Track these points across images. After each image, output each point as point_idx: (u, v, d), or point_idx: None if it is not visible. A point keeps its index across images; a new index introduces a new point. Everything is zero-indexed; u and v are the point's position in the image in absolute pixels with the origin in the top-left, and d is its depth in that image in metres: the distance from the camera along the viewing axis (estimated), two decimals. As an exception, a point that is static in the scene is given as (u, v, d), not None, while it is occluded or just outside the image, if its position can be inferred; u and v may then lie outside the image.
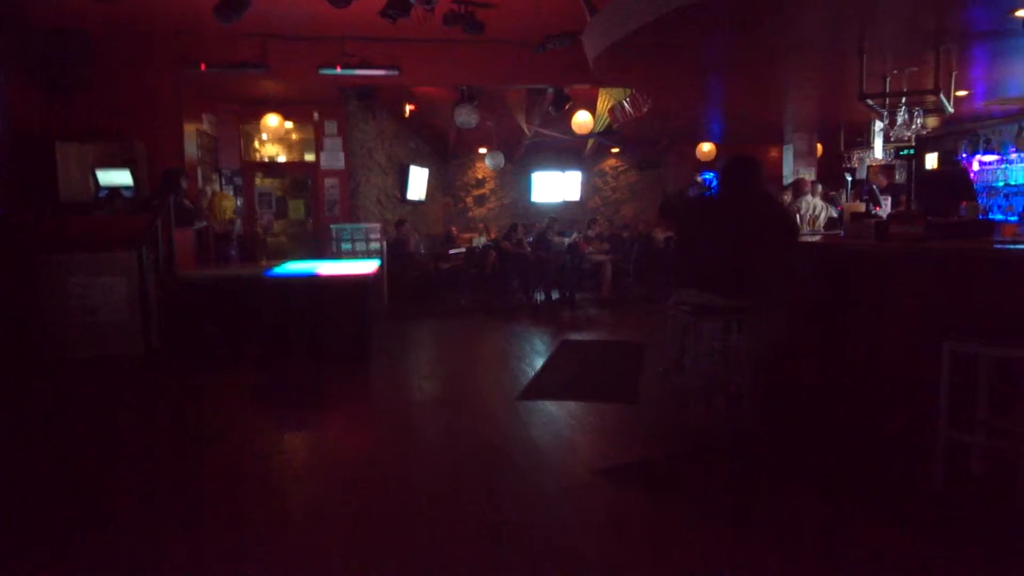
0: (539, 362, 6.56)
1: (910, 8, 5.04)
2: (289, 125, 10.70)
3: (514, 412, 5.00)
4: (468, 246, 12.16)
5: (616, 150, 15.49)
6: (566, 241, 11.57)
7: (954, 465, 3.43)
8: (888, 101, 6.77)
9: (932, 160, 12.05)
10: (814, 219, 8.50)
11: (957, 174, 7.12)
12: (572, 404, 5.11)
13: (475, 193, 15.96)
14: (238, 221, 9.77)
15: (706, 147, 14.05)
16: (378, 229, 9.56)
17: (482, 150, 14.77)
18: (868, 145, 9.51)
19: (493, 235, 13.14)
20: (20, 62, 7.33)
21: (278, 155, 10.98)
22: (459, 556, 2.83)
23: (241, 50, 8.19)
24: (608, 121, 10.77)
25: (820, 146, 12.21)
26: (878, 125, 7.24)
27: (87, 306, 6.82)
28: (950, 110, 6.61)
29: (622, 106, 9.70)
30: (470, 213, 15.77)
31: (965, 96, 8.48)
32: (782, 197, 9.25)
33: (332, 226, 9.59)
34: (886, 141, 7.57)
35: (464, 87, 9.48)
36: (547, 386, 5.70)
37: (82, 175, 7.58)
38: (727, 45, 6.09)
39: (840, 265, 4.41)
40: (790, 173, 11.53)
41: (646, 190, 16.12)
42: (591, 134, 11.72)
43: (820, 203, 8.85)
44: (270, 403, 5.51)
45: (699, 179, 14.67)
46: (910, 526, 3.06)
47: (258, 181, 10.97)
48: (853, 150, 11.08)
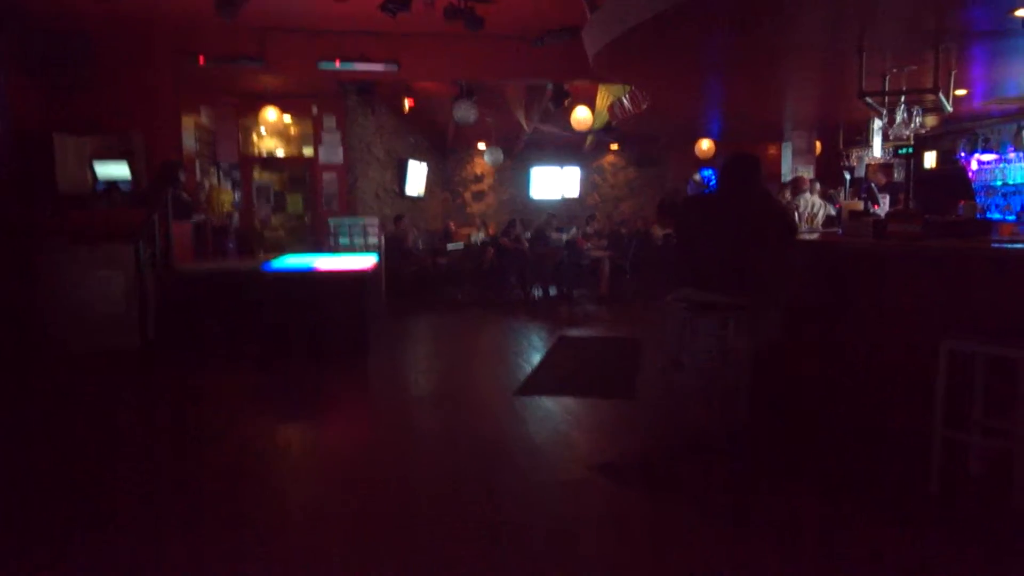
0: (536, 358, 6.56)
1: (910, 8, 5.04)
2: (287, 119, 10.68)
3: (512, 408, 5.00)
4: (466, 242, 12.14)
5: (615, 147, 15.47)
6: (564, 237, 11.57)
7: (953, 465, 3.43)
8: (887, 99, 6.78)
9: (931, 159, 12.05)
10: (812, 217, 8.50)
11: (955, 173, 7.13)
12: (569, 400, 5.12)
13: (473, 188, 15.93)
14: (236, 215, 9.75)
15: (705, 144, 14.03)
16: (376, 224, 9.55)
17: (481, 145, 14.75)
18: (867, 143, 9.49)
19: (491, 231, 13.12)
20: (19, 59, 7.30)
21: (276, 149, 10.96)
22: (459, 556, 2.82)
23: (240, 43, 8.17)
24: (607, 118, 10.76)
25: (819, 144, 12.21)
26: (877, 123, 7.24)
27: (84, 300, 6.80)
28: (949, 109, 6.62)
29: (621, 103, 9.70)
30: (468, 208, 15.74)
31: (964, 95, 8.49)
32: (781, 195, 9.25)
33: (330, 220, 9.55)
34: (885, 139, 7.56)
35: (463, 82, 9.47)
36: (544, 382, 5.70)
37: (80, 168, 7.55)
38: (726, 43, 6.09)
39: (838, 263, 4.42)
40: (789, 171, 11.52)
41: (645, 187, 16.11)
42: (590, 130, 11.70)
43: (819, 201, 8.86)
44: (268, 399, 5.50)
45: (697, 176, 14.67)
46: (910, 526, 3.06)
47: (256, 175, 10.94)
48: (852, 148, 11.09)
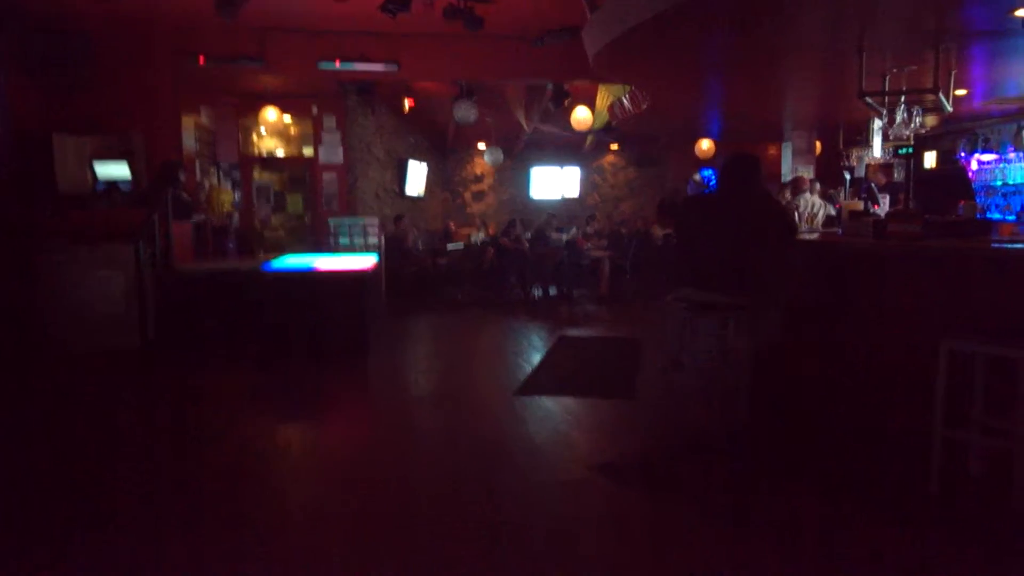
0: (536, 358, 6.56)
1: (910, 8, 5.04)
2: (287, 119, 10.67)
3: (512, 408, 5.00)
4: (466, 242, 12.14)
5: (615, 147, 15.47)
6: (564, 237, 11.57)
7: (953, 464, 3.43)
8: (887, 99, 6.78)
9: (931, 159, 12.05)
10: (812, 217, 8.50)
11: (955, 173, 7.13)
12: (569, 400, 5.11)
13: (473, 188, 15.93)
14: (236, 215, 9.75)
15: (705, 144, 14.03)
16: (376, 224, 9.55)
17: (481, 145, 14.75)
18: (867, 143, 9.50)
19: (491, 231, 13.12)
20: (19, 59, 7.29)
21: (276, 149, 10.96)
22: (459, 556, 2.82)
23: (240, 43, 8.16)
24: (607, 118, 10.76)
25: (819, 144, 12.21)
26: (877, 123, 7.24)
27: (84, 299, 6.80)
28: (949, 109, 6.61)
29: (621, 103, 9.70)
30: (468, 208, 15.73)
31: (964, 95, 8.49)
32: (781, 195, 9.25)
33: (330, 220, 9.56)
34: (885, 139, 7.55)
35: (463, 82, 9.47)
36: (544, 382, 5.70)
37: (80, 168, 7.54)
38: (726, 43, 6.09)
39: (838, 263, 4.41)
40: (789, 171, 11.52)
41: (645, 187, 16.11)
42: (590, 130, 11.70)
43: (818, 201, 8.86)
44: (268, 399, 5.50)
45: (697, 176, 14.67)
46: (910, 526, 3.05)
47: (256, 175, 10.94)
48: (852, 148, 11.09)
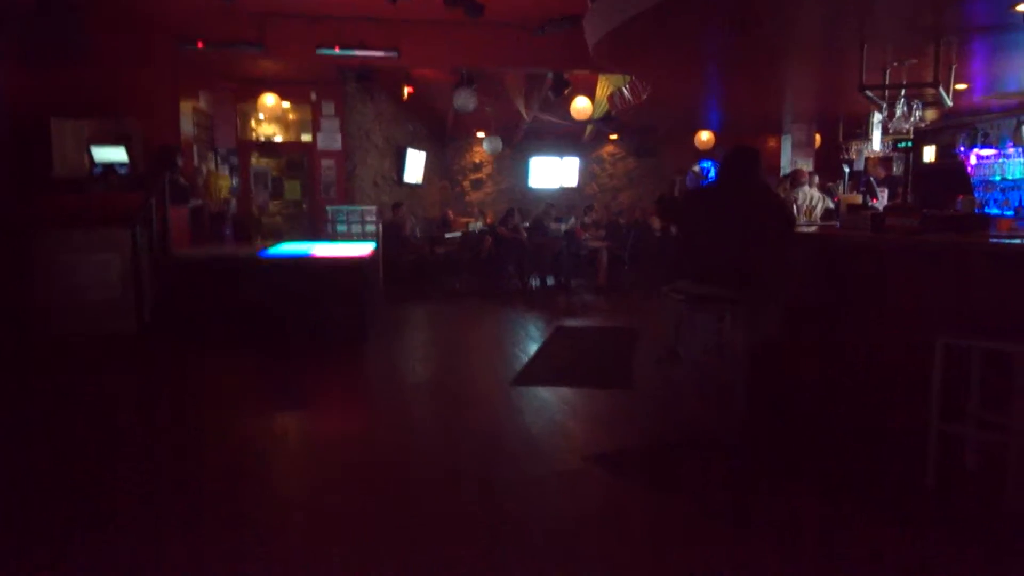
0: (533, 348, 6.57)
1: (910, 7, 5.04)
2: (286, 105, 10.63)
3: (509, 398, 5.01)
4: (464, 230, 12.13)
5: (614, 137, 15.45)
6: (563, 227, 11.56)
7: (950, 459, 3.44)
8: (887, 93, 6.77)
9: (930, 153, 12.05)
10: (811, 210, 8.49)
11: (954, 168, 7.14)
12: (566, 390, 5.12)
13: (472, 177, 15.90)
14: (233, 200, 9.73)
15: (704, 136, 14.01)
16: (374, 211, 9.54)
17: (480, 134, 14.71)
18: (866, 137, 9.51)
19: (490, 220, 13.11)
20: (15, 43, 7.23)
21: (275, 135, 10.92)
22: (459, 556, 2.81)
23: (239, 28, 8.11)
24: (607, 107, 10.73)
25: (818, 137, 12.20)
26: (877, 117, 7.24)
27: (80, 284, 6.78)
28: (949, 103, 6.61)
29: (621, 93, 9.66)
30: (467, 197, 15.71)
31: (964, 90, 8.47)
32: (781, 187, 9.24)
33: (328, 207, 9.56)
34: (884, 133, 7.56)
35: (463, 70, 9.43)
36: (541, 372, 5.71)
37: (77, 152, 7.51)
38: (726, 34, 6.07)
39: (836, 256, 4.42)
40: (788, 163, 11.51)
41: (644, 177, 16.09)
42: (590, 120, 11.67)
43: (817, 194, 8.84)
44: (264, 389, 5.46)
45: (696, 168, 14.65)
46: (910, 525, 3.05)
47: (254, 160, 10.91)
48: (851, 141, 11.07)
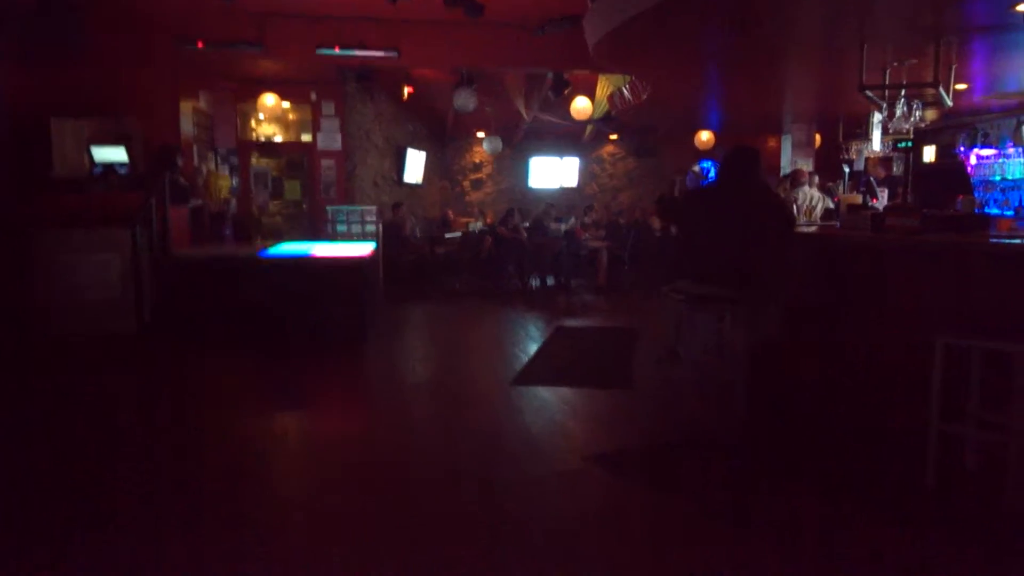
0: (533, 348, 6.57)
1: (910, 7, 5.04)
2: (286, 105, 10.62)
3: (509, 398, 5.01)
4: (464, 230, 12.13)
5: (614, 137, 15.44)
6: (563, 227, 11.56)
7: (949, 458, 3.44)
8: (887, 93, 6.77)
9: (930, 153, 12.04)
10: (811, 210, 8.49)
11: (954, 168, 7.14)
12: (566, 390, 5.12)
13: (472, 177, 15.89)
14: (233, 200, 9.73)
15: (704, 136, 14.01)
16: (374, 211, 9.54)
17: (480, 134, 14.71)
18: (866, 137, 9.50)
19: (489, 220, 13.11)
20: (15, 42, 7.22)
21: (275, 135, 10.92)
22: (459, 556, 2.81)
23: (239, 28, 8.11)
24: (607, 107, 10.73)
25: (818, 137, 12.20)
26: (877, 117, 7.24)
27: (80, 283, 6.78)
28: (949, 103, 6.61)
29: (621, 93, 9.66)
30: (467, 197, 15.70)
31: (964, 90, 8.47)
32: (781, 187, 9.24)
33: (328, 207, 9.56)
34: (884, 133, 7.55)
35: (463, 70, 9.43)
36: (541, 372, 5.71)
37: (77, 151, 7.51)
38: (726, 34, 6.07)
39: (836, 256, 4.42)
40: (788, 163, 11.51)
41: (644, 177, 16.09)
42: (590, 120, 11.67)
43: (817, 194, 8.84)
44: (264, 389, 5.45)
45: (696, 168, 14.65)
46: (910, 526, 3.05)
47: (254, 161, 10.91)
48: (851, 141, 11.07)
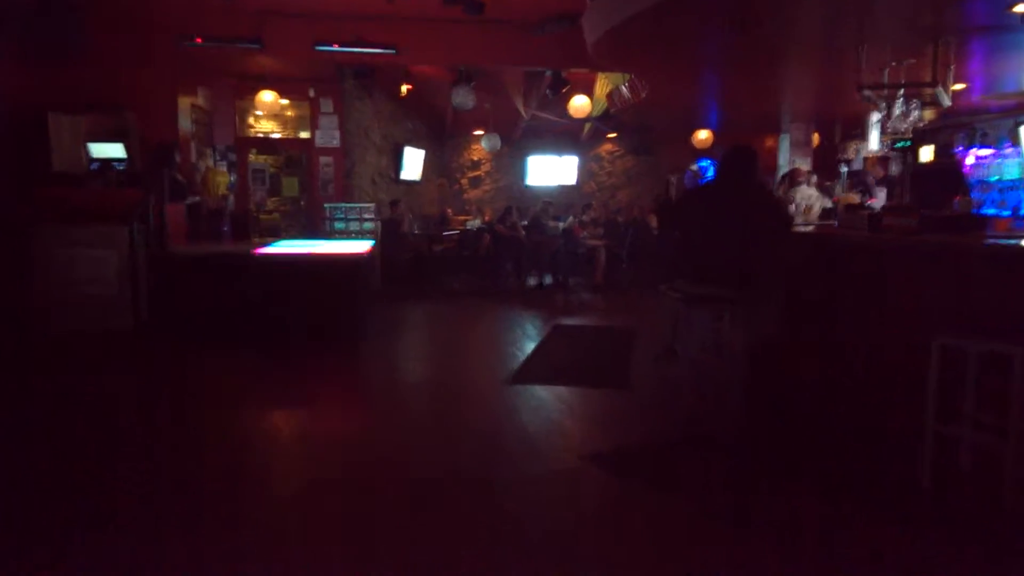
0: (531, 347, 6.57)
1: (910, 7, 5.05)
2: (284, 102, 10.60)
3: (506, 397, 5.01)
4: (462, 228, 12.13)
5: (613, 135, 15.44)
6: (560, 226, 11.55)
7: (944, 459, 3.45)
8: (886, 93, 6.77)
9: (928, 153, 12.05)
10: (808, 209, 8.49)
11: (952, 168, 7.14)
12: (563, 389, 5.12)
13: (470, 175, 15.89)
14: (231, 197, 9.72)
15: (703, 135, 14.02)
16: (372, 209, 9.55)
17: (478, 132, 14.70)
18: (864, 136, 9.53)
19: (488, 218, 13.10)
20: (12, 37, 7.21)
21: (273, 132, 10.91)
22: (459, 556, 2.82)
23: (238, 25, 8.09)
24: (605, 106, 10.73)
25: (816, 136, 12.20)
26: (875, 117, 7.24)
27: (77, 280, 6.77)
28: (947, 103, 6.61)
29: (620, 91, 9.66)
30: (465, 195, 15.70)
31: (962, 90, 8.48)
32: (781, 187, 9.24)
33: (326, 205, 9.56)
34: (882, 133, 7.55)
35: (462, 68, 9.43)
36: (538, 371, 5.71)
37: (75, 147, 7.50)
38: (725, 33, 6.07)
39: (834, 256, 4.42)
40: (786, 163, 11.52)
41: (642, 176, 16.09)
42: (588, 118, 11.67)
43: (815, 193, 8.84)
44: (261, 388, 5.42)
45: (695, 167, 14.65)
46: (910, 525, 3.06)
47: (252, 157, 10.89)
48: (849, 141, 11.09)
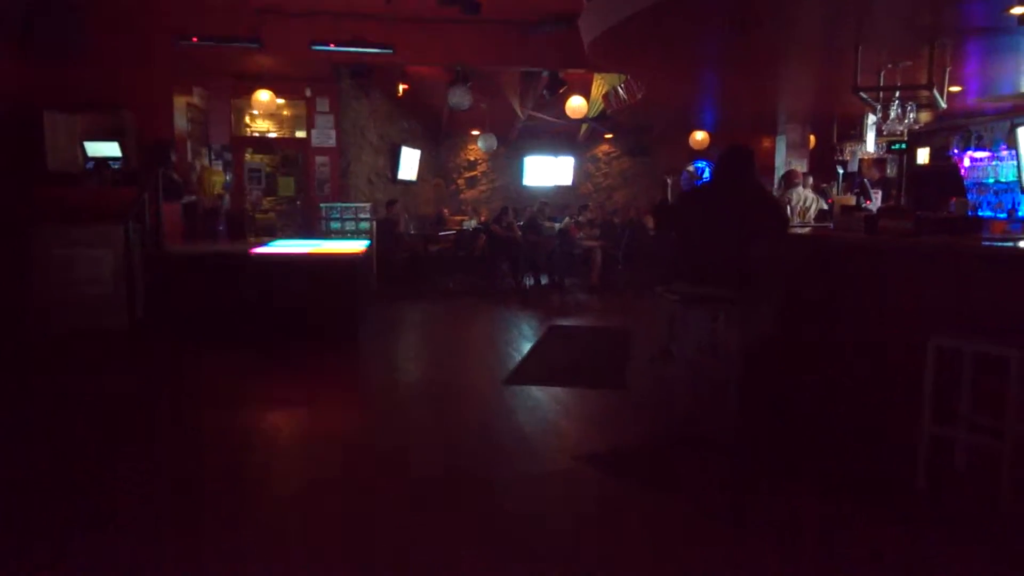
0: (526, 347, 6.56)
1: (908, 7, 5.05)
2: (281, 101, 10.58)
3: (502, 397, 5.01)
4: (458, 228, 12.11)
5: (609, 136, 15.45)
6: (557, 226, 11.55)
7: (940, 459, 3.44)
8: (882, 95, 6.79)
9: (924, 155, 12.08)
10: (804, 211, 8.51)
11: (948, 170, 7.16)
12: (559, 390, 5.11)
13: (467, 175, 15.87)
14: (227, 196, 9.68)
15: (699, 135, 14.04)
16: (368, 209, 9.53)
17: (475, 132, 14.68)
18: (861, 138, 9.54)
19: (484, 218, 13.09)
20: (9, 36, 7.18)
21: (269, 131, 10.88)
22: (459, 556, 2.81)
23: (235, 24, 8.07)
24: (602, 106, 10.73)
25: (813, 138, 12.22)
26: (871, 118, 7.25)
27: (73, 279, 6.75)
28: (943, 105, 6.63)
29: (616, 92, 9.67)
30: (461, 195, 15.68)
31: (958, 92, 8.50)
32: (782, 190, 9.25)
33: (322, 204, 9.54)
34: (879, 135, 7.57)
35: (458, 68, 9.41)
36: (534, 371, 5.70)
37: (70, 146, 7.47)
38: (722, 34, 6.08)
39: (830, 258, 4.42)
40: (782, 164, 11.55)
41: (638, 176, 16.09)
42: (585, 119, 11.67)
43: (811, 195, 8.85)
44: (257, 386, 5.42)
45: (691, 167, 14.66)
46: (910, 526, 3.06)
47: (248, 157, 10.85)
48: (845, 143, 11.10)
